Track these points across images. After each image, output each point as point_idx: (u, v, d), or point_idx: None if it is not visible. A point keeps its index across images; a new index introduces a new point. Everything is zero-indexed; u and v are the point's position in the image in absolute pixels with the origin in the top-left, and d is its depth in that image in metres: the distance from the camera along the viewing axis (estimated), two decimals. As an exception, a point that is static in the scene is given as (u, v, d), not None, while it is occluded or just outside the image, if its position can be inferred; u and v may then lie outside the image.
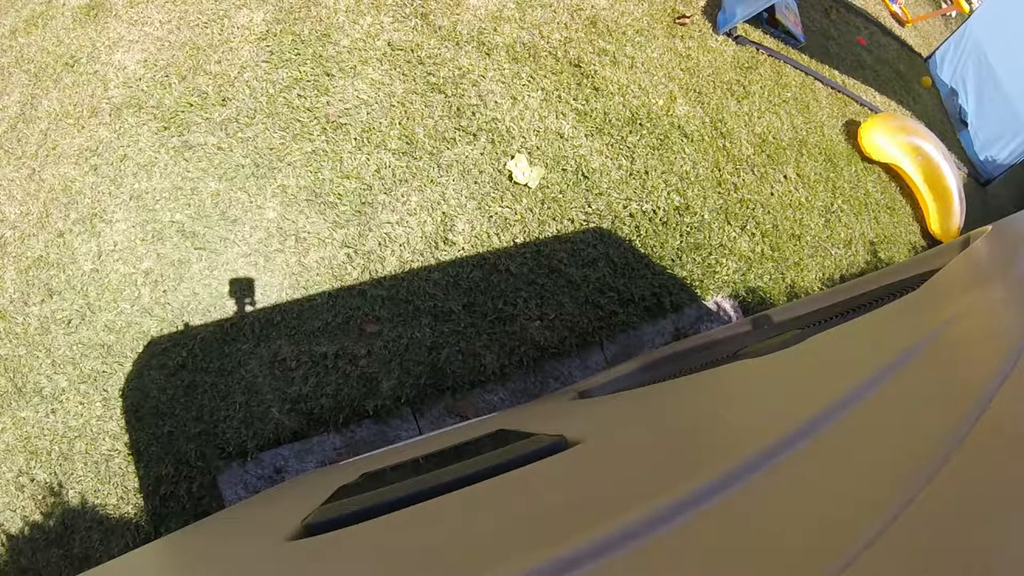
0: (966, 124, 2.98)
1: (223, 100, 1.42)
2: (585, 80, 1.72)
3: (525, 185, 1.48)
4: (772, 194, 1.90)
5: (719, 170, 1.82)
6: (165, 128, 1.38)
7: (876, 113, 2.44)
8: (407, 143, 1.44)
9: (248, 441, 1.17)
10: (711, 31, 2.15)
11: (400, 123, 1.48)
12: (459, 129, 1.49)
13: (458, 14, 1.66)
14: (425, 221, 1.38)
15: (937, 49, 3.20)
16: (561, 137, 1.59)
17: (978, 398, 0.25)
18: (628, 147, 1.70)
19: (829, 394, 0.30)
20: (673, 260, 1.60)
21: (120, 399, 1.17)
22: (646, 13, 2.02)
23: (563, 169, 1.55)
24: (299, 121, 1.42)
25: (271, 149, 1.38)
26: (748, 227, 1.78)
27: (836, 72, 2.50)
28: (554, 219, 1.49)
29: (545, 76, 1.66)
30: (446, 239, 1.37)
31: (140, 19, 1.53)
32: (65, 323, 1.21)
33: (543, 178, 1.51)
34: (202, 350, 1.21)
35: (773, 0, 2.07)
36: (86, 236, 1.28)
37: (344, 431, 1.21)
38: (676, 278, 1.58)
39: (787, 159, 2.01)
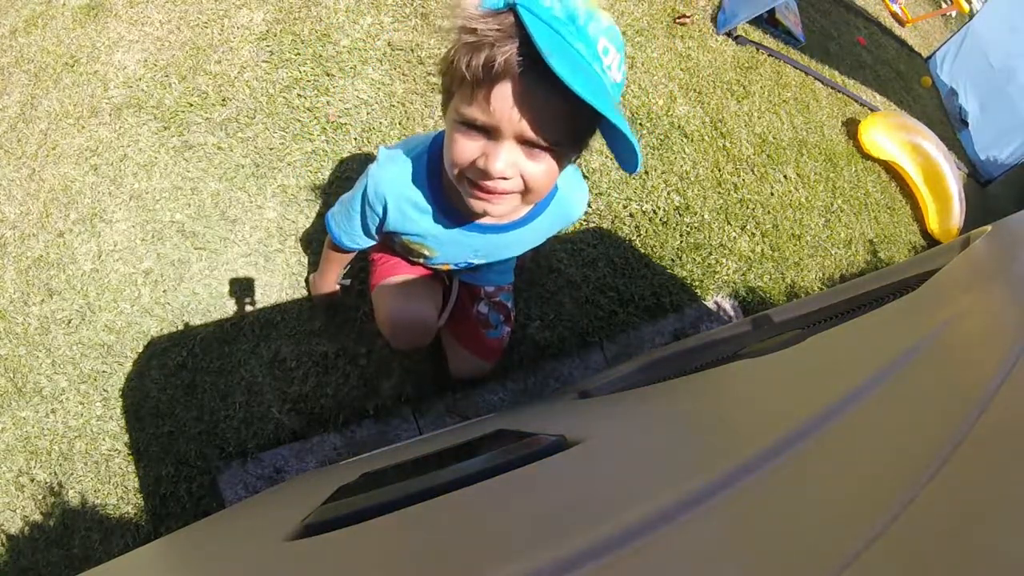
0: (966, 124, 2.98)
1: (223, 100, 1.42)
2: (585, 80, 1.72)
3: (525, 185, 1.48)
4: (772, 194, 1.90)
5: (719, 170, 1.82)
6: (165, 128, 1.38)
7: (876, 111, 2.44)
8: (407, 143, 1.44)
9: (248, 441, 1.17)
10: (711, 31, 2.15)
11: (400, 123, 1.48)
12: (459, 129, 1.49)
13: (458, 14, 1.66)
14: (425, 221, 1.38)
15: (938, 49, 3.21)
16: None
17: (978, 398, 0.25)
18: (628, 147, 1.69)
19: (829, 394, 0.30)
20: (673, 260, 1.60)
21: (120, 399, 1.17)
22: (646, 13, 2.02)
23: (563, 169, 1.55)
24: (299, 121, 1.42)
25: (271, 149, 1.38)
26: (748, 227, 1.78)
27: (836, 72, 2.50)
28: (554, 219, 1.49)
29: (545, 76, 1.66)
30: (446, 239, 1.37)
31: (140, 19, 1.53)
32: (65, 323, 1.21)
33: (543, 178, 1.51)
34: (202, 350, 1.21)
35: (775, 3, 2.07)
36: (86, 236, 1.28)
37: (344, 431, 1.21)
38: (676, 278, 1.58)
39: (787, 159, 2.01)
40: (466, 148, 0.59)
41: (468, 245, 0.83)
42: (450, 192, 0.73)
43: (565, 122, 0.55)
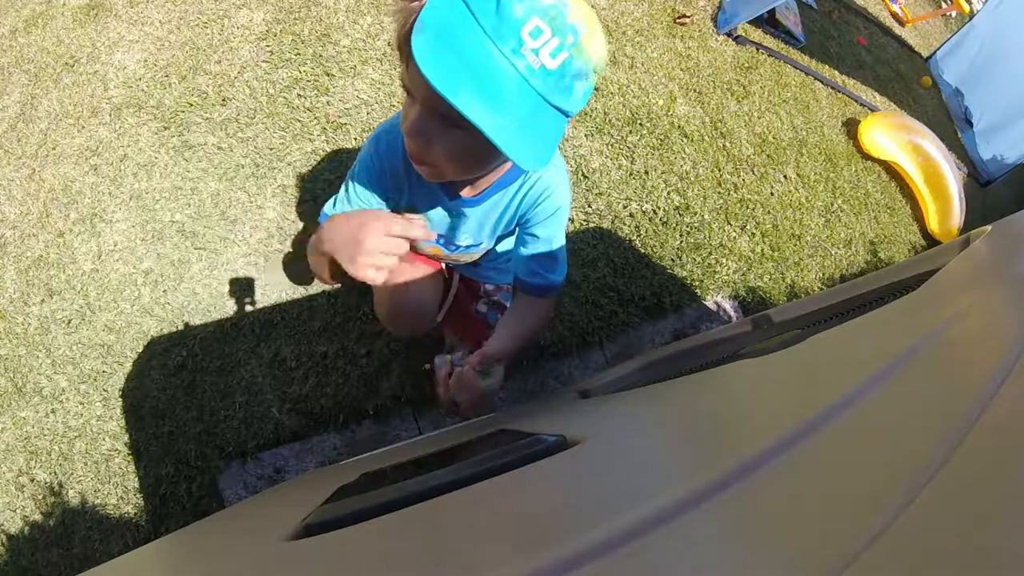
0: (972, 124, 2.97)
1: (223, 100, 1.42)
2: (585, 80, 1.72)
3: (525, 185, 1.48)
4: (772, 194, 1.90)
5: (719, 170, 1.82)
6: (165, 128, 1.38)
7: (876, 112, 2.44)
8: (407, 143, 1.44)
9: (248, 441, 1.17)
10: (711, 31, 2.15)
11: (400, 123, 1.48)
12: (459, 129, 1.49)
13: (458, 14, 1.66)
14: (425, 221, 1.38)
15: (938, 49, 3.20)
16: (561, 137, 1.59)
17: (978, 398, 0.25)
18: (628, 147, 1.70)
19: (829, 394, 0.30)
20: (673, 260, 1.60)
21: (120, 399, 1.17)
22: (646, 13, 2.02)
23: (563, 169, 1.55)
24: (299, 121, 1.42)
25: (271, 149, 1.38)
26: (748, 227, 1.78)
27: (836, 72, 2.50)
28: (554, 219, 1.49)
29: (545, 76, 1.66)
30: (446, 239, 1.37)
31: (140, 19, 1.53)
32: (65, 323, 1.21)
33: (543, 178, 1.51)
34: (202, 350, 1.21)
35: (776, 3, 2.07)
36: (86, 236, 1.28)
37: (344, 431, 1.21)
38: (676, 278, 1.58)
39: (787, 159, 2.01)
40: (404, 113, 0.63)
41: (448, 214, 0.84)
42: None
43: None
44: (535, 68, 0.52)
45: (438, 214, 0.84)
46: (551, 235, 0.83)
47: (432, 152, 0.63)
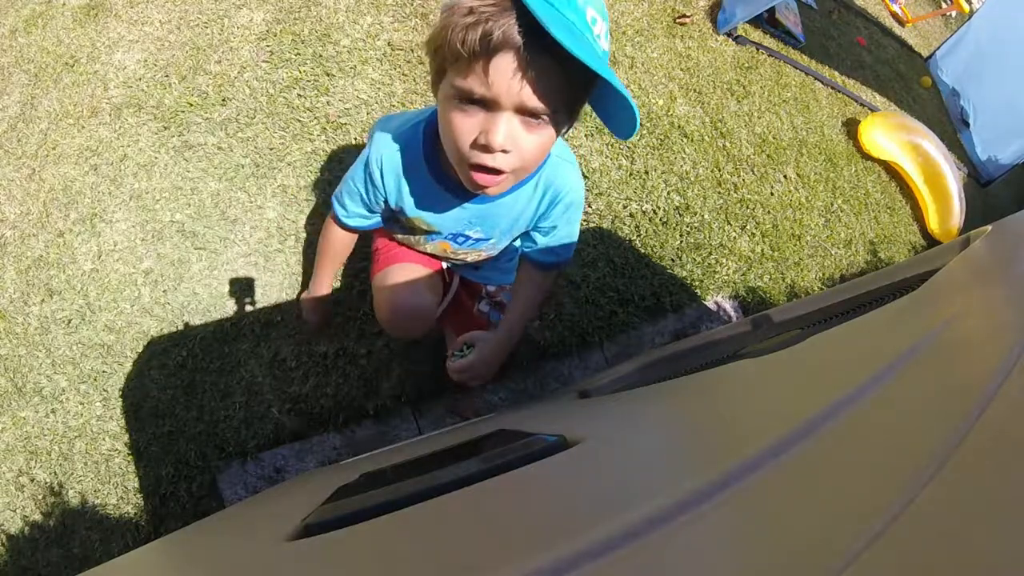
0: (968, 124, 2.97)
1: (223, 100, 1.42)
2: (585, 80, 1.72)
3: (525, 185, 1.48)
4: (772, 194, 1.90)
5: (719, 170, 1.82)
6: (165, 128, 1.38)
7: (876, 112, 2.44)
8: (407, 143, 1.44)
9: (248, 441, 1.17)
10: (711, 31, 2.15)
11: (400, 123, 1.48)
12: (459, 129, 1.49)
13: (458, 14, 1.66)
14: (425, 221, 1.38)
15: (938, 49, 3.20)
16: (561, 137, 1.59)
17: (978, 398, 0.25)
18: (628, 147, 1.69)
19: (829, 394, 0.30)
20: (673, 260, 1.60)
21: (120, 399, 1.17)
22: (646, 13, 2.02)
23: (563, 169, 1.55)
24: (299, 121, 1.42)
25: (271, 149, 1.38)
26: (748, 227, 1.78)
27: (836, 72, 2.50)
28: (554, 219, 1.49)
29: (545, 76, 1.66)
30: (446, 239, 1.37)
31: (140, 19, 1.53)
32: (65, 323, 1.21)
33: (543, 178, 1.51)
34: (202, 350, 1.21)
35: (774, 2, 2.07)
36: (86, 236, 1.28)
37: (344, 431, 1.21)
38: (676, 278, 1.58)
39: (787, 159, 2.01)
40: (465, 126, 0.60)
41: (462, 214, 0.84)
42: (445, 161, 0.74)
43: (561, 91, 0.58)
44: (603, 51, 0.58)
45: (449, 213, 0.84)
46: (570, 221, 0.87)
47: (511, 159, 0.62)
